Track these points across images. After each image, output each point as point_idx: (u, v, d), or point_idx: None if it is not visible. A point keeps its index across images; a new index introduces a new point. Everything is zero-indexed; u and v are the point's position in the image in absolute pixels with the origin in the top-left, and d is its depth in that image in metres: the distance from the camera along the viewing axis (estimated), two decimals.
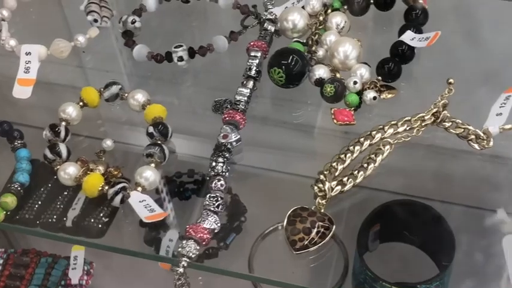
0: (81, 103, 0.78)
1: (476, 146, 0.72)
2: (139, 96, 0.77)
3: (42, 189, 0.74)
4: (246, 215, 0.73)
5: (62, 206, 0.73)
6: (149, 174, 0.71)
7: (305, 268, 0.70)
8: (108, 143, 0.74)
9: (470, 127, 0.72)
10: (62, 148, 0.73)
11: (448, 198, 0.73)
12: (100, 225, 0.71)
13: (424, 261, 0.72)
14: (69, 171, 0.72)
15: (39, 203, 0.73)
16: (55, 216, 0.72)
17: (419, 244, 0.72)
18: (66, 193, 0.74)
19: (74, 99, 0.78)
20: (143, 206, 0.68)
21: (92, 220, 0.72)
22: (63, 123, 0.76)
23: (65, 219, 0.72)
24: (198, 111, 0.83)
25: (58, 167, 0.72)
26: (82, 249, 0.96)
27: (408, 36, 0.77)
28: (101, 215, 0.72)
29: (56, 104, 0.79)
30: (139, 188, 0.70)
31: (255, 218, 0.72)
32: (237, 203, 0.74)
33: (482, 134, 0.72)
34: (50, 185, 0.74)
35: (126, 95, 0.78)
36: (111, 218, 0.72)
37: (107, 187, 0.70)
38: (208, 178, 0.71)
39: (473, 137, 0.72)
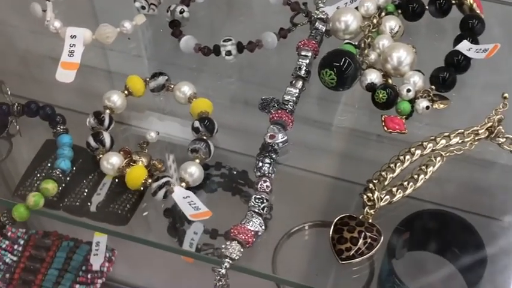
0: (126, 92, 0.76)
1: None
2: (186, 89, 0.76)
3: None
4: (271, 213, 0.71)
5: (86, 191, 0.72)
6: (194, 170, 0.69)
7: (328, 271, 0.69)
8: (152, 135, 0.73)
9: None
10: (106, 137, 0.72)
11: (488, 213, 0.71)
12: (124, 212, 0.70)
13: (451, 274, 0.70)
14: (112, 161, 0.70)
15: (63, 185, 0.72)
16: (79, 201, 0.71)
17: (450, 256, 0.71)
18: (91, 177, 0.73)
19: (118, 86, 0.77)
20: (187, 202, 0.66)
21: (116, 207, 0.71)
22: (108, 111, 0.74)
23: (89, 204, 0.71)
24: (241, 107, 0.82)
25: (101, 156, 0.71)
26: (104, 235, 0.95)
27: (465, 46, 0.75)
28: (126, 202, 0.71)
29: (96, 89, 0.77)
30: (183, 184, 0.68)
31: (280, 216, 0.71)
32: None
33: None
34: (74, 169, 0.73)
35: (172, 86, 0.76)
36: (135, 205, 0.71)
37: (149, 180, 0.68)
38: (256, 176, 0.69)
39: None
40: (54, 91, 0.82)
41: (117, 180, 0.71)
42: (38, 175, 0.73)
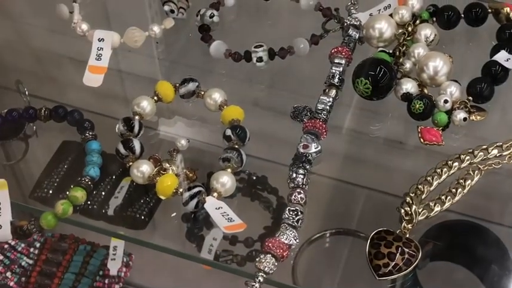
0: (155, 97, 0.75)
1: None
2: (217, 96, 0.74)
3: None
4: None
5: (103, 193, 0.71)
6: (226, 180, 0.68)
7: (349, 278, 0.68)
8: (182, 143, 0.72)
9: None
10: (136, 144, 0.71)
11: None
12: (142, 217, 0.69)
13: (475, 285, 0.69)
14: (142, 169, 0.69)
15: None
16: (96, 204, 0.70)
17: (474, 268, 0.69)
18: (108, 180, 0.71)
19: (145, 90, 0.75)
20: (220, 214, 0.65)
21: (134, 210, 0.70)
22: (137, 117, 0.73)
23: (106, 207, 0.70)
24: (272, 114, 0.80)
25: (131, 163, 0.69)
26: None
27: (503, 57, 0.74)
28: (144, 205, 0.70)
29: (121, 93, 0.76)
30: (215, 194, 0.67)
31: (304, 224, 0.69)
32: (285, 206, 0.69)
33: None
34: None
35: (203, 93, 0.75)
36: (153, 209, 0.70)
37: (181, 189, 0.67)
38: (289, 187, 0.68)
39: None
40: (72, 93, 0.80)
41: (134, 183, 0.70)
42: (55, 177, 0.72)
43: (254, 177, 0.73)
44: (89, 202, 0.70)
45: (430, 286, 0.66)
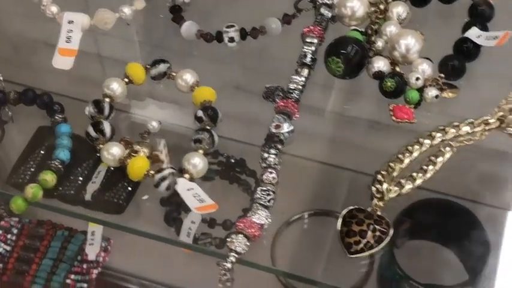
0: (126, 79, 0.74)
1: None
2: (188, 77, 0.74)
3: None
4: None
5: (81, 179, 0.70)
6: (197, 161, 0.67)
7: (328, 260, 0.68)
8: (154, 124, 0.71)
9: None
10: (106, 126, 0.70)
11: (492, 202, 0.70)
12: (120, 201, 0.69)
13: (453, 263, 0.69)
14: (113, 152, 0.68)
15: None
16: (73, 189, 0.70)
17: (451, 245, 0.70)
18: (85, 165, 0.71)
19: (117, 72, 0.75)
20: (192, 195, 0.64)
21: (112, 195, 0.69)
22: (107, 99, 0.72)
23: (83, 192, 0.69)
24: (246, 95, 0.80)
25: (101, 146, 0.69)
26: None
27: (474, 34, 0.74)
28: (121, 190, 0.69)
29: (92, 76, 0.75)
30: (186, 175, 0.67)
31: (280, 204, 0.69)
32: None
33: None
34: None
35: (174, 74, 0.74)
36: (131, 194, 0.70)
37: (152, 171, 0.67)
38: (261, 168, 0.67)
39: None
40: (47, 77, 0.79)
41: (112, 168, 0.70)
42: (32, 163, 0.72)
43: (232, 160, 0.73)
44: (66, 187, 0.70)
45: (408, 264, 0.66)
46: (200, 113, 0.71)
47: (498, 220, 0.69)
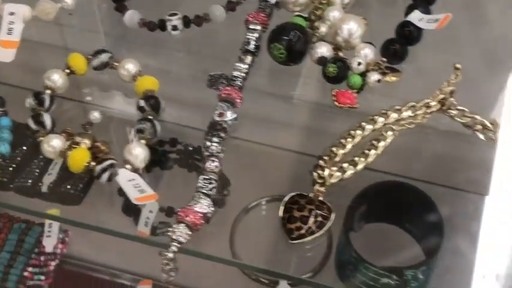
0: (67, 70, 0.73)
1: (482, 136, 0.70)
2: (131, 67, 0.73)
3: (17, 151, 0.71)
4: (229, 188, 0.70)
5: (37, 170, 0.70)
6: (139, 152, 0.67)
7: (286, 246, 0.67)
8: (95, 115, 0.70)
9: (477, 117, 0.70)
10: (46, 118, 0.69)
11: (443, 181, 0.71)
12: (77, 192, 0.69)
13: (410, 244, 0.70)
14: (53, 144, 0.68)
15: (14, 165, 0.70)
16: (30, 181, 0.69)
17: (407, 227, 0.71)
18: (42, 157, 0.70)
19: (59, 61, 0.74)
20: (133, 185, 0.64)
21: (69, 186, 0.69)
22: (48, 91, 0.72)
23: (40, 184, 0.69)
24: (190, 81, 0.79)
25: (41, 138, 0.68)
26: (56, 213, 0.93)
27: (416, 17, 0.74)
28: (78, 181, 0.69)
29: (36, 65, 0.74)
30: (128, 166, 0.66)
31: (238, 192, 0.70)
32: (221, 175, 0.70)
33: (489, 125, 0.69)
34: (25, 147, 0.71)
35: (116, 64, 0.74)
36: (88, 184, 0.69)
37: (93, 163, 0.66)
38: (204, 156, 0.68)
39: (479, 127, 0.70)
40: None
41: None
42: None
43: (190, 148, 0.73)
44: (22, 179, 0.69)
45: (364, 248, 0.66)
46: (142, 103, 0.70)
47: (450, 199, 0.69)
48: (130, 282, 0.92)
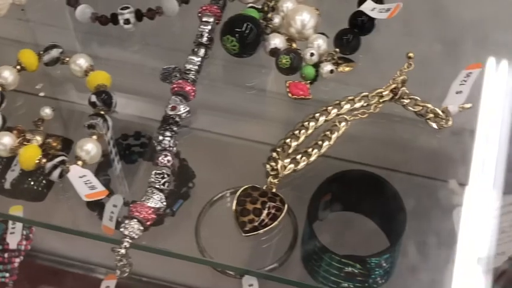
0: (18, 67, 0.72)
1: (434, 125, 0.70)
2: (82, 62, 0.73)
3: None
4: (194, 180, 0.70)
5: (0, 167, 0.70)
6: (90, 147, 0.67)
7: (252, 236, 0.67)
8: (47, 111, 0.70)
9: (429, 105, 0.70)
10: None
11: (403, 168, 0.71)
12: (40, 188, 0.68)
13: (375, 232, 0.70)
14: (4, 142, 0.67)
15: None
16: None
17: (371, 215, 0.71)
18: None
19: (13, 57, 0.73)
20: (83, 182, 0.63)
21: (32, 183, 0.68)
22: None
23: (3, 180, 0.69)
24: (146, 73, 0.78)
25: None
26: (20, 210, 0.92)
27: (368, 7, 0.74)
28: (42, 177, 0.68)
29: None
30: (79, 162, 0.66)
31: (203, 183, 0.70)
32: (185, 167, 0.71)
33: (441, 113, 0.69)
34: None
35: (67, 59, 0.73)
36: (52, 180, 0.68)
37: (44, 160, 0.65)
38: (156, 151, 0.67)
39: (432, 115, 0.70)
40: None
41: None
42: None
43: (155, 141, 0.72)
44: None
45: (330, 237, 0.66)
46: (94, 98, 0.70)
47: (412, 186, 0.70)
48: (104, 276, 0.91)
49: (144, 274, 0.91)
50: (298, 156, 0.67)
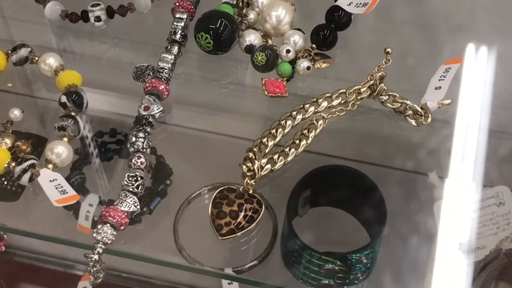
0: None
1: (413, 122, 0.69)
2: (52, 61, 0.71)
3: None
4: (171, 177, 0.69)
5: None
6: (61, 150, 0.65)
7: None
8: (15, 113, 0.68)
9: (408, 102, 0.69)
10: None
11: (382, 162, 0.71)
12: (14, 188, 0.67)
13: (355, 227, 0.70)
14: None
15: None
16: None
17: (351, 210, 0.70)
18: None
19: None
20: (54, 186, 0.62)
21: (6, 182, 0.67)
22: None
23: None
24: (121, 69, 0.77)
25: None
26: None
27: (345, 1, 0.72)
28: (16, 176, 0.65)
29: None
30: (50, 166, 0.64)
31: (181, 181, 0.69)
32: (162, 165, 0.70)
33: (420, 110, 0.68)
34: None
35: (36, 58, 0.71)
36: None
37: (13, 164, 0.64)
38: (130, 152, 0.66)
39: (410, 112, 0.69)
40: None
41: None
42: None
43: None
44: None
45: (311, 233, 0.66)
46: (64, 99, 0.68)
47: (392, 180, 0.70)
48: (84, 273, 0.89)
49: (123, 270, 0.90)
50: (275, 156, 0.66)
